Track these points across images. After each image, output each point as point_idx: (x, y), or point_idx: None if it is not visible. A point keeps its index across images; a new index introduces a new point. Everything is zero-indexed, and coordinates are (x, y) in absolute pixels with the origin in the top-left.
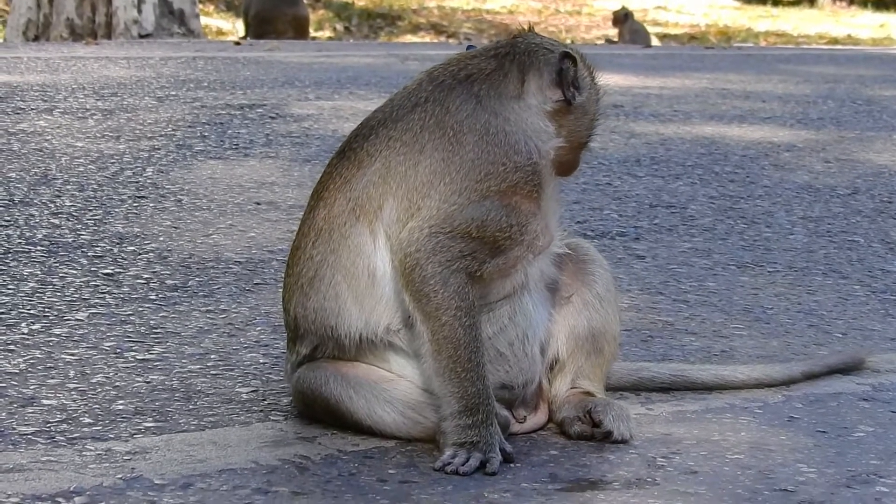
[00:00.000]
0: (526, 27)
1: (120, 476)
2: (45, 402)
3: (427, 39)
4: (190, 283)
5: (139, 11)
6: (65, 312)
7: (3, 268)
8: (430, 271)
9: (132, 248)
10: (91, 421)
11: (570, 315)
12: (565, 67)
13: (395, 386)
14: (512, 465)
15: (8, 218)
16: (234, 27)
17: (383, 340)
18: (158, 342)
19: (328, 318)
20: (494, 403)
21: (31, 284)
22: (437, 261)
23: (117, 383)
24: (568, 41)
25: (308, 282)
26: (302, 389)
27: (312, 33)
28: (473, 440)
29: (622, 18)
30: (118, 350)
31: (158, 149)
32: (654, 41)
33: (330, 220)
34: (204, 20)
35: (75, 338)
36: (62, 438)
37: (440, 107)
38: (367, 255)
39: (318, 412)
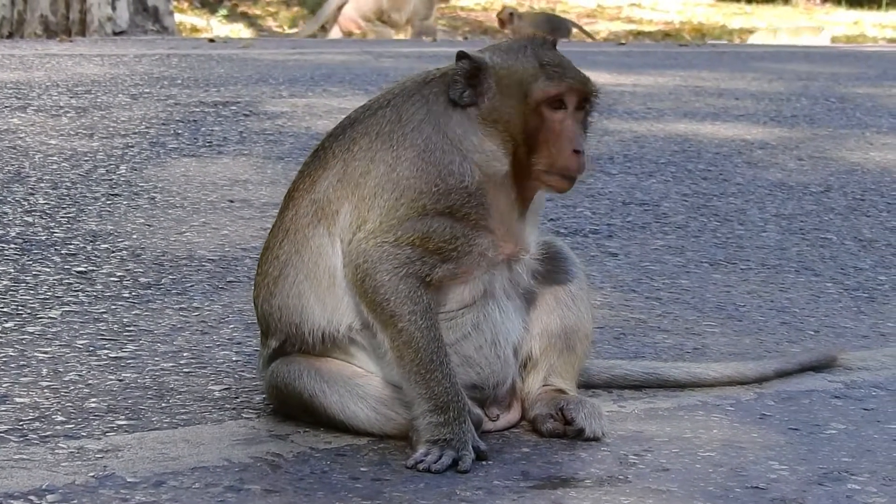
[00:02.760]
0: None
1: (92, 474)
2: (17, 399)
3: (401, 36)
4: (163, 280)
5: (113, 8)
6: (38, 310)
7: None
8: (380, 280)
9: (105, 245)
10: (64, 419)
11: (543, 313)
12: (458, 68)
13: (368, 382)
14: (484, 462)
15: None
16: (208, 24)
17: (346, 337)
18: (131, 340)
19: (292, 316)
20: (466, 401)
21: (5, 282)
22: (385, 269)
23: (90, 381)
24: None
25: (273, 280)
26: (275, 384)
27: (287, 30)
28: (446, 437)
29: (508, 18)
30: (91, 348)
31: (132, 146)
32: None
33: (296, 222)
34: (178, 17)
35: (48, 336)
36: (35, 436)
37: (395, 114)
38: (327, 257)
39: (291, 406)
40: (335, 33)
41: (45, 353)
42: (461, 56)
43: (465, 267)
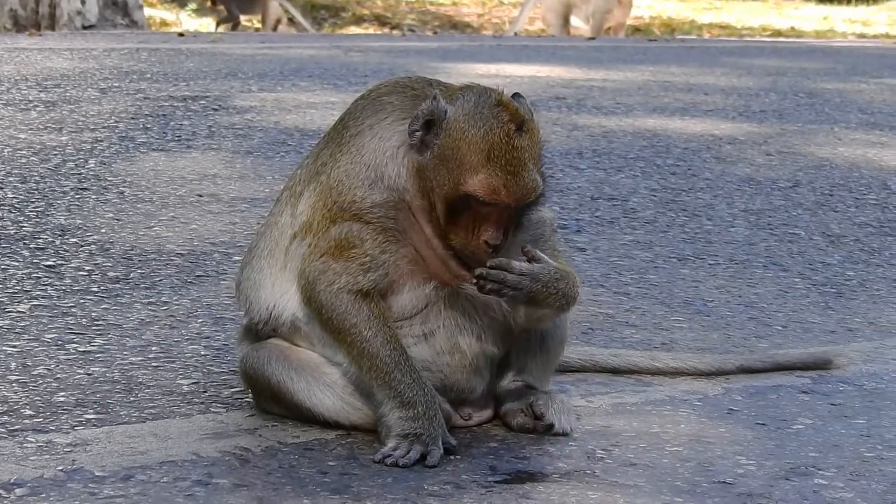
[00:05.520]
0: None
1: (61, 468)
2: None
3: (371, 31)
4: (132, 275)
5: (82, 2)
6: (6, 304)
7: None
8: (320, 300)
9: (74, 239)
10: (32, 413)
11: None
12: (422, 109)
13: (335, 370)
14: (453, 457)
15: None
16: (178, 18)
17: (290, 324)
18: (100, 334)
19: (250, 289)
20: (436, 396)
21: None
22: (321, 289)
23: (59, 375)
24: (511, 33)
25: (248, 251)
26: (246, 369)
27: (255, 24)
28: (416, 432)
29: None
30: (60, 342)
31: (101, 141)
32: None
33: (278, 200)
34: (148, 11)
35: (17, 330)
36: (3, 430)
37: (352, 116)
38: (286, 239)
39: (260, 392)
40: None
41: (14, 347)
42: (434, 100)
43: (392, 276)
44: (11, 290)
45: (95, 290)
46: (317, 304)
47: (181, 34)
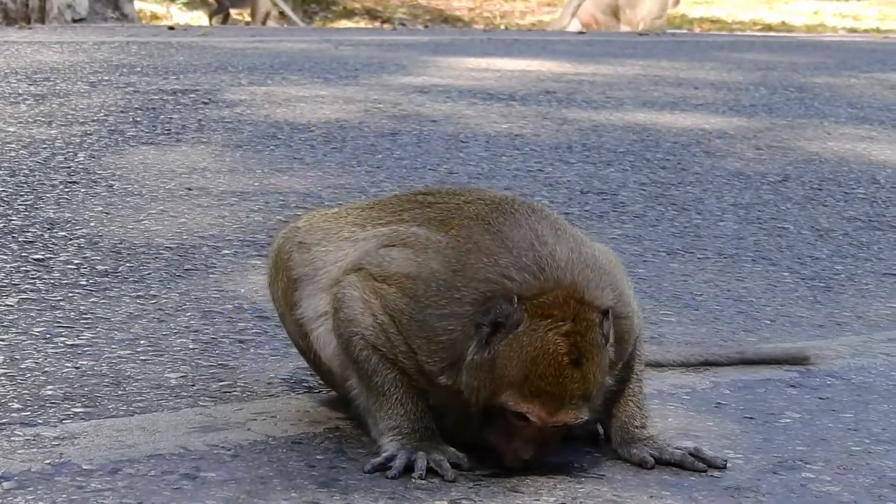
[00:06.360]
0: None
1: (48, 461)
2: None
3: (361, 25)
4: (120, 268)
5: None
6: None
7: None
8: (339, 330)
9: (63, 233)
10: (20, 406)
11: None
12: (499, 313)
13: None
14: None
15: None
16: (168, 11)
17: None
18: (88, 327)
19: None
20: (436, 430)
21: None
22: (351, 332)
23: (46, 369)
24: (502, 27)
25: (304, 228)
26: (276, 247)
27: (246, 18)
28: (414, 445)
29: None
30: (48, 335)
31: (90, 134)
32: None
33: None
34: (138, 4)
35: (5, 323)
36: None
37: (466, 250)
38: (331, 263)
39: (279, 276)
40: (574, 26)
41: (2, 340)
42: (508, 299)
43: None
44: (0, 284)
45: (84, 283)
46: (343, 341)
47: (171, 27)
